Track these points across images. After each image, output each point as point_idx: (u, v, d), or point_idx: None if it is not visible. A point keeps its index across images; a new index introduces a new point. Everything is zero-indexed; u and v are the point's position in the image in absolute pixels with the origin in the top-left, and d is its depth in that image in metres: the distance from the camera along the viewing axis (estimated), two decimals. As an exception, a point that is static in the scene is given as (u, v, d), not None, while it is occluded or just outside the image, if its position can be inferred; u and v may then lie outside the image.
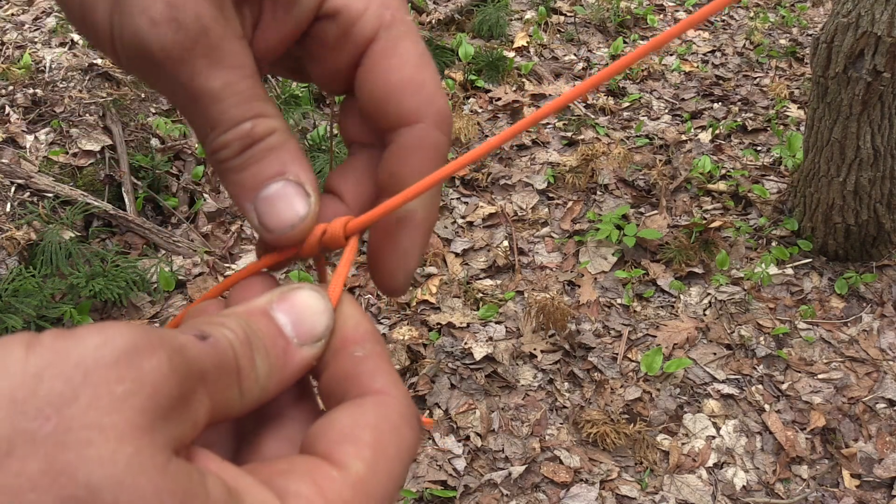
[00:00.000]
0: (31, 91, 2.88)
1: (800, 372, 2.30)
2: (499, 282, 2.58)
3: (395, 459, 0.25)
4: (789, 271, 2.61)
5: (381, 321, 2.42)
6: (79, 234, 2.45)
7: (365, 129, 0.33)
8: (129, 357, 0.21)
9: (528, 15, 4.05)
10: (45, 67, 3.03)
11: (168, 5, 0.27)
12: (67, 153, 2.72)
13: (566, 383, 2.27)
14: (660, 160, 3.05)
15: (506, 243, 2.72)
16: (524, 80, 3.55)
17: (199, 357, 0.23)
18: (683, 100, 3.51)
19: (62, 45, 3.23)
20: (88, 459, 0.19)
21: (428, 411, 2.17)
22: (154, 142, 2.86)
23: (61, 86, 2.94)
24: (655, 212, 2.84)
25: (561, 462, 2.06)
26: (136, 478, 0.20)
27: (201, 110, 0.28)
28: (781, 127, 3.27)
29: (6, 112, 2.79)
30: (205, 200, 2.77)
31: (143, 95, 2.98)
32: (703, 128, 3.29)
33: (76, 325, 0.22)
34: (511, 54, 3.69)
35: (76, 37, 3.28)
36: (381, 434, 0.25)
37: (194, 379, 0.22)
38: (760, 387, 2.26)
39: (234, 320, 0.25)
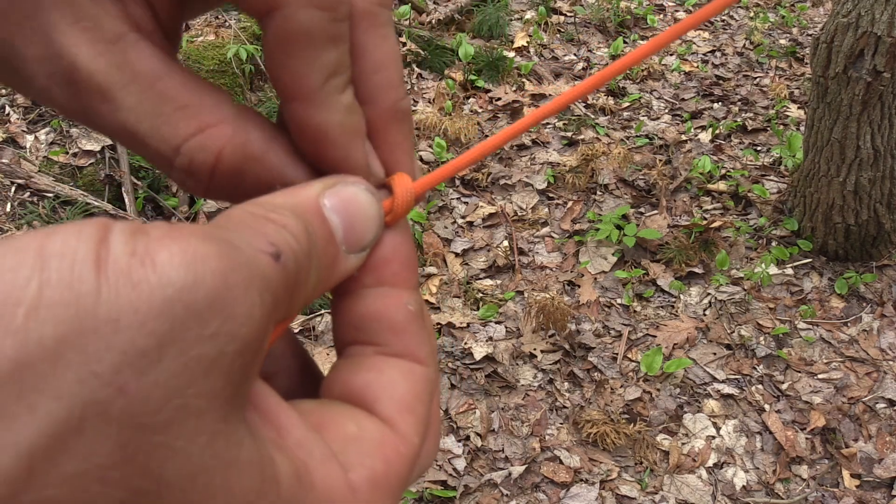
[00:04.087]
0: (31, 91, 2.87)
1: (800, 372, 2.30)
2: (499, 282, 2.58)
3: (434, 437, 0.25)
4: (789, 271, 2.61)
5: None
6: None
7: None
8: (223, 301, 0.17)
9: (528, 15, 4.05)
10: (45, 67, 3.02)
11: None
12: (67, 153, 2.72)
13: (566, 383, 2.27)
14: (660, 160, 3.05)
15: (506, 243, 2.72)
16: (524, 80, 3.55)
17: (276, 284, 0.20)
18: (683, 100, 3.51)
19: (62, 45, 3.22)
20: (164, 447, 0.16)
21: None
22: (154, 142, 2.86)
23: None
24: (655, 212, 2.84)
25: (561, 462, 2.06)
26: (209, 476, 0.17)
27: None
28: (781, 127, 3.27)
29: (6, 112, 2.79)
30: (205, 201, 2.77)
31: (143, 95, 2.98)
32: (703, 128, 3.29)
33: (143, 228, 0.18)
34: (511, 54, 3.69)
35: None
36: (431, 410, 0.25)
37: (273, 312, 0.20)
38: (760, 387, 2.26)
39: (296, 223, 0.22)
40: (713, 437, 2.13)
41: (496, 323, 2.42)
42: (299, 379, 0.28)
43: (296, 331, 2.35)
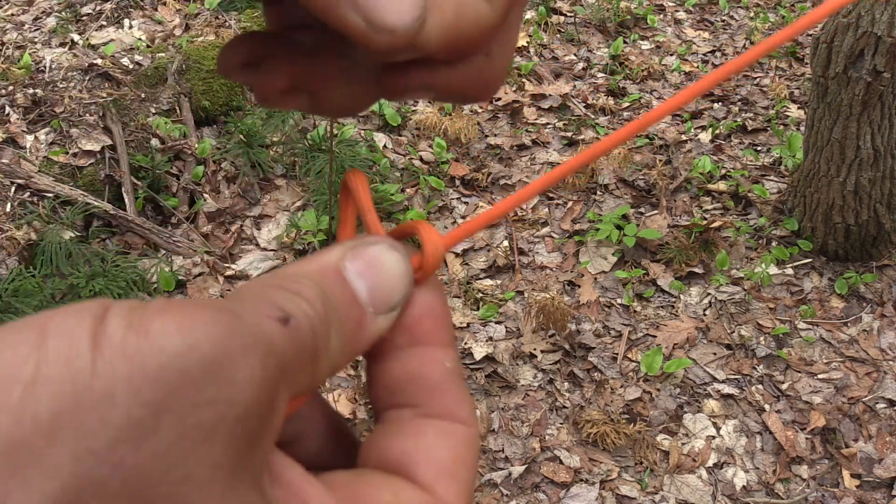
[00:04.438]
0: (31, 91, 2.88)
1: (800, 372, 2.30)
2: (499, 282, 2.58)
3: (472, 499, 0.24)
4: (789, 271, 2.61)
5: (381, 321, 2.42)
6: (79, 234, 2.45)
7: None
8: (220, 367, 0.17)
9: (528, 15, 4.05)
10: (45, 67, 3.03)
11: None
12: (67, 153, 2.72)
13: (566, 383, 2.27)
14: (660, 160, 3.05)
15: (506, 243, 2.72)
16: (524, 80, 3.55)
17: (284, 349, 0.19)
18: (683, 100, 3.51)
19: (62, 45, 3.23)
20: None
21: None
22: (154, 142, 2.86)
23: (61, 86, 2.93)
24: (655, 212, 2.84)
25: (561, 462, 2.07)
26: None
27: None
28: (781, 127, 3.27)
29: (6, 112, 2.79)
30: (205, 200, 2.77)
31: (143, 95, 2.98)
32: (703, 128, 3.29)
33: (142, 304, 0.18)
34: (511, 54, 3.69)
35: (76, 37, 3.28)
36: (472, 474, 0.24)
37: (283, 378, 0.19)
38: (760, 387, 2.26)
39: (311, 289, 0.21)
40: (713, 437, 2.13)
41: (496, 323, 2.42)
42: (329, 444, 0.26)
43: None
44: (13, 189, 2.50)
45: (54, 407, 0.15)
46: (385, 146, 3.02)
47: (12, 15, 3.46)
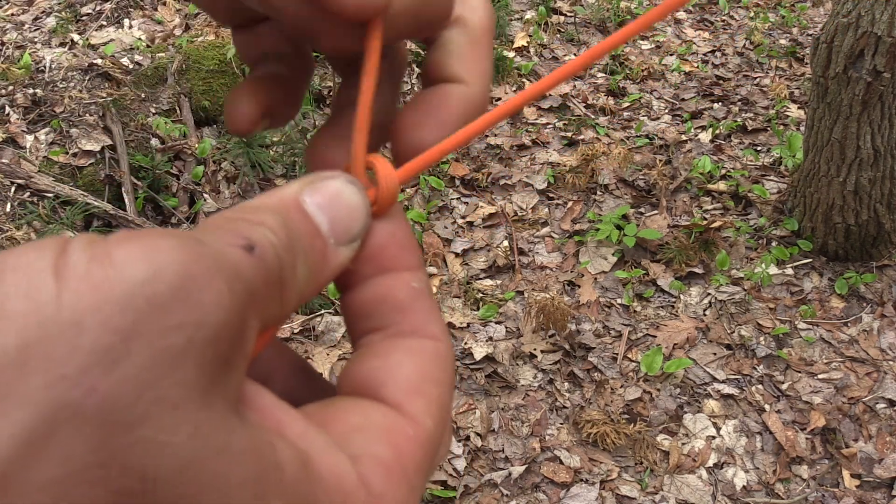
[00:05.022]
0: (31, 91, 2.88)
1: (800, 372, 2.30)
2: (499, 282, 2.58)
3: (449, 415, 0.24)
4: (789, 271, 2.61)
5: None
6: (79, 233, 2.45)
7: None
8: (186, 291, 0.17)
9: (528, 15, 4.05)
10: (45, 67, 3.03)
11: None
12: (67, 153, 2.72)
13: (566, 383, 2.27)
14: (660, 160, 3.05)
15: (506, 243, 2.72)
16: (524, 80, 3.55)
17: (251, 275, 0.19)
18: (683, 100, 3.51)
19: (62, 45, 3.23)
20: (143, 442, 0.16)
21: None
22: (154, 142, 2.86)
23: (61, 86, 2.93)
24: (655, 212, 2.84)
25: (561, 462, 2.06)
26: (199, 466, 0.16)
27: None
28: (781, 127, 3.27)
29: (6, 112, 2.79)
30: (205, 200, 2.77)
31: (143, 95, 2.98)
32: (703, 128, 3.29)
33: (102, 237, 0.18)
34: (511, 54, 3.69)
35: (76, 37, 3.28)
36: (444, 389, 0.24)
37: (250, 303, 0.19)
38: (760, 387, 2.26)
39: (274, 219, 0.22)
40: (713, 438, 2.13)
41: (496, 323, 2.42)
42: (298, 387, 0.27)
43: (296, 331, 2.35)
44: (13, 189, 2.50)
45: (21, 339, 0.15)
46: (385, 146, 3.02)
47: (12, 15, 3.46)
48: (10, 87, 2.89)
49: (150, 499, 0.16)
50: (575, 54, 3.84)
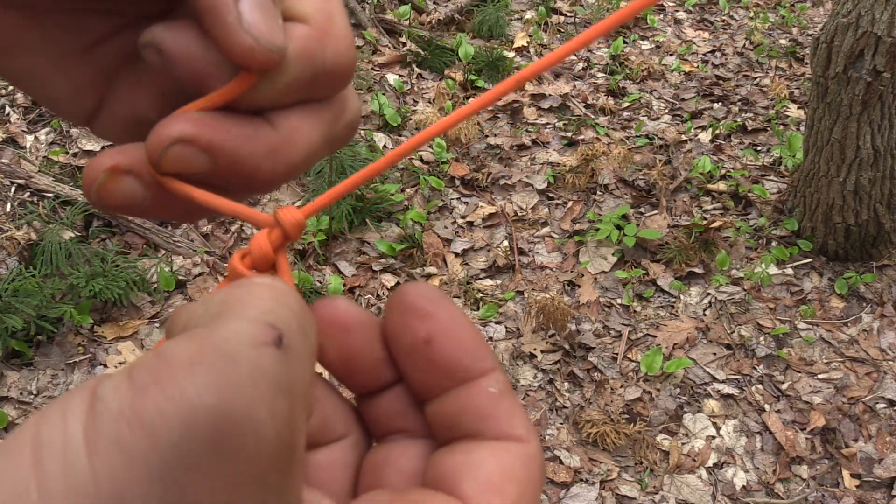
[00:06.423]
0: (31, 91, 2.87)
1: (800, 372, 2.30)
2: (499, 282, 2.58)
3: None
4: (789, 271, 2.61)
5: (381, 321, 2.42)
6: (79, 234, 2.45)
7: None
8: (230, 437, 0.16)
9: (528, 15, 4.05)
10: (45, 67, 3.02)
11: None
12: (67, 153, 2.72)
13: (566, 383, 2.27)
14: (660, 160, 3.05)
15: (506, 243, 2.72)
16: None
17: (289, 378, 0.18)
18: (683, 100, 3.51)
19: (62, 45, 3.23)
20: None
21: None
22: (154, 142, 2.86)
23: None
24: (655, 212, 2.84)
25: (561, 462, 2.07)
26: None
27: None
28: (781, 127, 3.27)
29: (6, 112, 2.79)
30: (205, 200, 2.77)
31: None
32: (703, 128, 3.29)
33: (130, 373, 0.17)
34: (511, 54, 3.69)
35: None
36: (527, 489, 0.23)
37: (296, 409, 0.18)
38: (760, 387, 2.26)
39: (293, 295, 0.21)
40: (713, 437, 2.13)
41: (496, 323, 2.42)
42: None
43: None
44: (13, 189, 2.50)
45: None
46: (385, 146, 3.02)
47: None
48: (11, 87, 2.89)
49: None
50: (575, 55, 3.84)
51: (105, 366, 2.18)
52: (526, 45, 3.83)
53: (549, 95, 3.46)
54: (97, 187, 0.24)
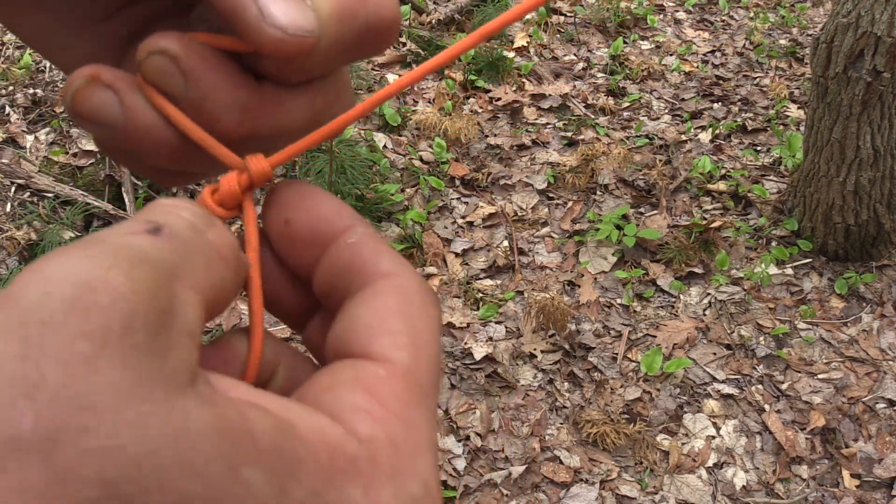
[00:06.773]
0: (31, 91, 2.88)
1: (800, 372, 2.30)
2: (499, 282, 2.58)
3: (432, 340, 0.23)
4: (789, 271, 2.61)
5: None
6: (79, 234, 2.45)
7: None
8: (85, 297, 0.17)
9: (529, 15, 4.05)
10: (45, 67, 3.03)
11: None
12: (67, 153, 2.72)
13: (566, 383, 2.27)
14: (660, 160, 3.05)
15: (506, 243, 2.72)
16: (524, 80, 3.55)
17: (160, 255, 0.19)
18: (683, 100, 3.51)
19: (62, 45, 3.23)
20: (89, 452, 0.16)
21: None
22: (154, 142, 2.86)
23: (61, 86, 2.93)
24: (655, 212, 2.84)
25: (561, 462, 2.07)
26: (158, 455, 0.16)
27: None
28: (781, 127, 3.27)
29: (6, 112, 2.79)
30: (205, 200, 2.77)
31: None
32: (703, 128, 3.29)
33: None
34: (511, 54, 3.69)
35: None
36: (411, 317, 0.23)
37: (167, 281, 0.19)
38: (760, 387, 2.26)
39: (186, 205, 0.22)
40: (713, 437, 2.13)
41: (496, 323, 2.42)
42: (300, 378, 0.26)
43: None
44: (13, 189, 2.50)
45: None
46: (385, 146, 3.02)
47: (12, 15, 3.46)
48: (11, 87, 2.89)
49: (127, 499, 0.16)
50: (575, 55, 3.84)
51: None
52: (526, 45, 3.83)
53: (549, 95, 3.46)
54: (73, 91, 0.24)
